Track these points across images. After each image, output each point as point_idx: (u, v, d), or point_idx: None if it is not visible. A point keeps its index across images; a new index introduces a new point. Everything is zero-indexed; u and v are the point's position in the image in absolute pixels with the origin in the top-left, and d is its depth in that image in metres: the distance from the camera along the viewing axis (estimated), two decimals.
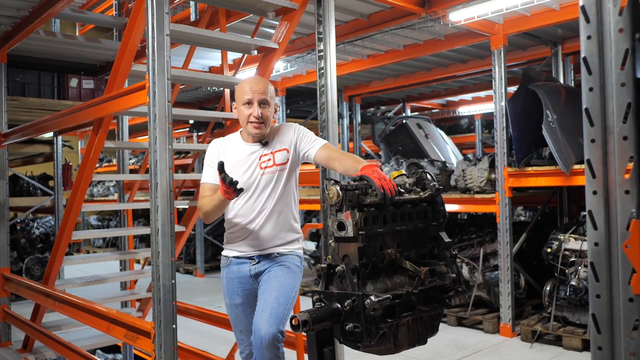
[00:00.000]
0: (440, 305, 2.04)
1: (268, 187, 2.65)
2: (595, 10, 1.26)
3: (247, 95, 2.62)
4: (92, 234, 7.34)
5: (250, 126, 2.63)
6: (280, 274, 2.64)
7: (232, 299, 2.74)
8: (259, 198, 2.65)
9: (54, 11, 4.37)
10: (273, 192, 2.66)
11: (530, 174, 5.34)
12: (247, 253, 2.70)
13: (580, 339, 4.92)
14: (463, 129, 12.38)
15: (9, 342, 5.19)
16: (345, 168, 2.51)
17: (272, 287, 2.58)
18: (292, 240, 2.75)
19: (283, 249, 2.71)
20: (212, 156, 2.71)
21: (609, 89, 1.25)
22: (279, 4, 3.75)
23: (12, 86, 5.54)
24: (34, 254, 8.53)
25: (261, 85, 2.65)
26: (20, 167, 8.89)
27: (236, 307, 2.74)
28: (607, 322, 1.25)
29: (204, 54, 6.51)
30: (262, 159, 2.67)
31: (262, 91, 2.63)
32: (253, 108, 2.60)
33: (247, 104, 2.62)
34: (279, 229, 2.69)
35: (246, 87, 2.64)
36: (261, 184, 2.65)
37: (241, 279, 2.71)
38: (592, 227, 1.27)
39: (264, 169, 2.66)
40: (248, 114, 2.61)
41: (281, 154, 2.68)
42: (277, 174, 2.66)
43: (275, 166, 2.66)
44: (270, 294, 2.55)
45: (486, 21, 5.35)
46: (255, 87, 2.63)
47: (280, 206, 2.68)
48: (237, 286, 2.72)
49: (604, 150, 1.26)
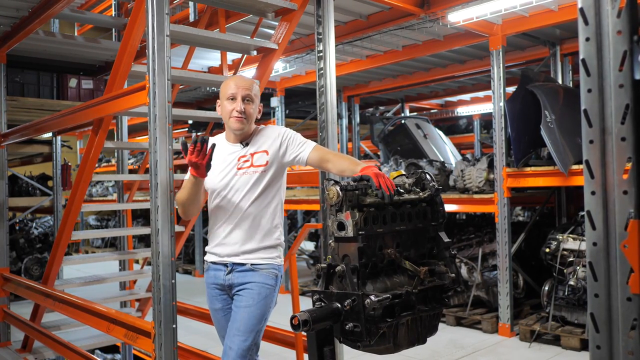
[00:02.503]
0: (439, 305, 2.05)
1: (243, 189, 2.57)
2: (594, 12, 1.27)
3: (231, 90, 2.59)
4: (91, 234, 7.33)
5: (232, 120, 2.58)
6: (251, 304, 2.55)
7: (212, 304, 2.72)
8: (233, 198, 2.58)
9: (54, 11, 4.37)
10: (248, 194, 2.57)
11: (528, 174, 5.36)
12: (222, 259, 2.64)
13: (578, 338, 4.94)
14: (461, 129, 12.39)
15: (8, 342, 5.19)
16: (341, 169, 2.48)
17: (241, 320, 2.54)
18: (268, 247, 2.61)
19: (258, 258, 2.59)
20: None
21: (608, 91, 1.26)
22: (278, 5, 3.76)
23: (12, 86, 5.54)
24: (33, 254, 8.52)
25: (246, 82, 2.63)
26: (19, 167, 8.89)
27: (217, 312, 2.72)
28: (605, 322, 1.26)
29: (203, 54, 6.52)
30: (240, 160, 2.61)
31: (247, 87, 2.60)
32: (236, 103, 2.58)
33: (230, 99, 2.59)
34: (252, 233, 2.58)
35: (231, 83, 2.62)
36: (237, 184, 2.58)
37: (217, 285, 2.67)
38: (591, 227, 1.28)
39: (240, 169, 2.59)
40: (231, 108, 2.58)
41: (260, 155, 2.59)
42: (256, 175, 2.57)
43: (253, 167, 2.58)
44: (238, 328, 2.53)
45: (485, 22, 5.36)
46: (240, 83, 2.61)
47: (255, 209, 2.57)
48: (215, 292, 2.69)
49: (603, 151, 1.27)
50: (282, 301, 7.40)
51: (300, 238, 4.31)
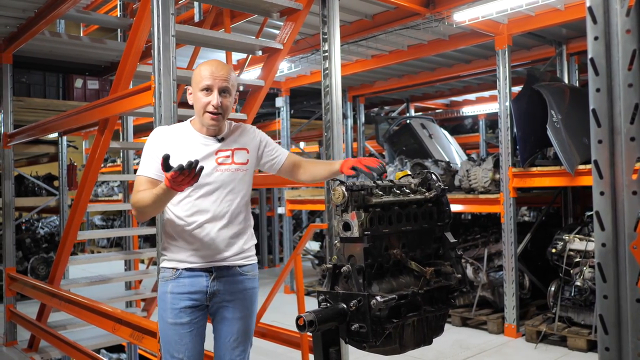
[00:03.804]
0: (445, 305, 2.04)
1: (227, 187, 2.37)
2: (603, 11, 1.26)
3: (206, 81, 2.30)
4: (97, 234, 7.36)
5: (207, 116, 2.32)
6: (246, 314, 2.46)
7: (177, 317, 2.35)
8: (214, 196, 2.36)
9: (60, 12, 4.39)
10: (232, 193, 2.39)
11: (534, 174, 5.33)
12: (203, 264, 2.37)
13: (585, 339, 4.91)
14: (467, 129, 12.35)
15: (14, 342, 5.21)
16: (313, 174, 2.48)
17: (239, 332, 2.44)
18: (251, 247, 2.50)
19: (244, 258, 2.46)
20: (156, 146, 2.34)
21: (616, 90, 1.25)
22: (283, 5, 3.76)
23: (18, 87, 5.56)
24: (39, 253, 8.56)
25: (223, 71, 2.34)
26: (25, 167, 8.92)
27: (181, 327, 2.36)
28: (614, 323, 1.25)
29: (208, 54, 6.50)
30: (219, 154, 2.38)
31: (224, 77, 2.33)
32: (212, 96, 2.31)
33: (205, 90, 2.31)
34: (238, 234, 2.42)
35: (205, 71, 2.32)
36: (218, 181, 2.36)
37: (193, 294, 2.37)
38: (600, 228, 1.27)
39: (220, 164, 2.37)
40: (206, 102, 2.31)
41: (241, 153, 2.43)
42: (239, 173, 2.41)
43: (235, 165, 2.40)
44: (237, 340, 2.43)
45: (490, 21, 5.34)
46: (217, 73, 2.31)
47: (239, 208, 2.42)
48: (185, 303, 2.36)
49: (611, 151, 1.26)
50: (287, 301, 7.42)
51: (306, 238, 4.31)
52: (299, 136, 10.30)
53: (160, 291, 2.43)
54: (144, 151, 2.37)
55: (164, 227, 2.43)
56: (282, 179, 2.69)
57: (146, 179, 2.30)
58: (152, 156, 2.32)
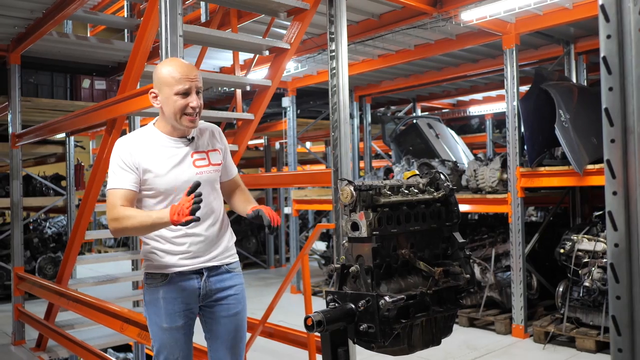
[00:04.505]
0: (454, 305, 2.03)
1: (207, 188, 2.35)
2: (615, 9, 1.25)
3: (182, 85, 2.24)
4: (104, 234, 7.37)
5: (186, 119, 2.27)
6: (240, 309, 2.48)
7: (172, 322, 2.35)
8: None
9: (67, 13, 4.40)
10: (213, 193, 2.42)
11: (542, 174, 5.31)
12: (193, 266, 2.37)
13: (593, 340, 4.88)
14: (474, 129, 12.32)
15: (22, 341, 5.24)
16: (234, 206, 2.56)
17: (236, 329, 2.47)
18: (233, 243, 2.54)
19: (229, 257, 2.49)
20: (126, 156, 2.28)
21: (629, 89, 1.24)
22: (290, 5, 3.75)
23: (26, 87, 5.59)
24: (47, 253, 8.60)
25: (194, 70, 2.30)
26: (33, 168, 8.98)
27: (176, 331, 2.37)
28: (627, 324, 1.24)
29: (215, 54, 6.53)
30: (195, 157, 2.37)
31: (198, 78, 2.30)
32: (191, 97, 2.25)
33: (182, 93, 2.24)
34: (221, 234, 2.46)
35: (178, 73, 2.25)
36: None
37: (185, 298, 2.37)
38: (612, 228, 1.26)
39: (199, 167, 2.37)
40: (184, 104, 2.24)
41: (215, 154, 2.44)
42: (215, 174, 2.43)
43: (212, 166, 2.41)
44: (236, 338, 2.47)
45: (498, 20, 5.32)
46: (192, 74, 2.27)
47: (220, 208, 2.46)
48: (179, 306, 2.36)
49: (624, 150, 1.24)
50: (294, 301, 7.42)
51: (313, 238, 4.29)
52: (305, 136, 10.31)
53: (151, 297, 2.40)
54: (112, 164, 2.30)
55: (146, 235, 2.37)
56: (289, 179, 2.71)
57: (123, 191, 2.24)
58: (124, 167, 2.27)
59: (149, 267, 2.41)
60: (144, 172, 2.29)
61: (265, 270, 10.05)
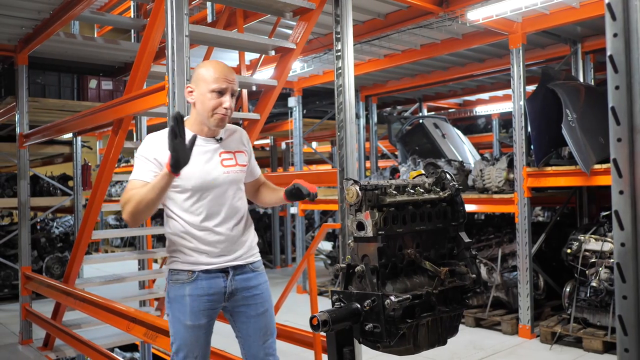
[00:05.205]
0: (460, 305, 2.02)
1: (234, 187, 2.42)
2: (622, 7, 1.24)
3: (219, 84, 2.31)
4: (110, 234, 7.42)
5: (216, 118, 2.33)
6: (267, 307, 2.53)
7: (196, 320, 2.38)
8: (223, 199, 2.40)
9: (74, 13, 4.42)
10: (239, 193, 2.46)
11: (549, 173, 5.29)
12: (219, 265, 2.41)
13: (600, 340, 4.86)
14: (480, 129, 12.28)
15: (30, 340, 5.26)
16: (264, 200, 2.63)
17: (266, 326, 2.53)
18: (255, 243, 2.58)
19: (252, 256, 2.52)
20: (152, 150, 2.32)
21: (636, 87, 1.23)
22: (296, 4, 3.76)
23: (33, 88, 5.61)
24: (54, 253, 8.64)
25: (233, 74, 2.38)
26: (40, 168, 9.03)
27: (199, 329, 2.39)
28: (634, 324, 1.23)
29: (221, 54, 6.53)
30: (223, 156, 2.42)
31: (235, 81, 2.37)
32: (225, 98, 2.32)
33: (217, 92, 2.31)
34: (247, 233, 2.50)
35: (217, 73, 2.32)
36: (226, 182, 2.39)
37: (211, 296, 2.40)
38: (619, 228, 1.25)
39: (226, 167, 2.41)
40: (216, 104, 2.31)
41: (241, 156, 2.49)
42: (240, 174, 2.47)
43: (239, 166, 2.46)
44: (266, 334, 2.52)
45: (505, 20, 5.30)
46: (230, 76, 2.34)
47: (244, 208, 2.50)
48: (204, 305, 2.39)
49: (631, 149, 1.23)
50: (300, 301, 7.42)
51: (319, 238, 4.30)
52: (311, 136, 10.31)
53: (176, 294, 2.39)
54: (137, 157, 2.34)
55: (172, 232, 2.40)
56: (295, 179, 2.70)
57: (142, 182, 2.27)
58: (147, 160, 2.30)
59: (175, 263, 2.41)
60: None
61: (272, 270, 10.06)
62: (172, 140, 2.03)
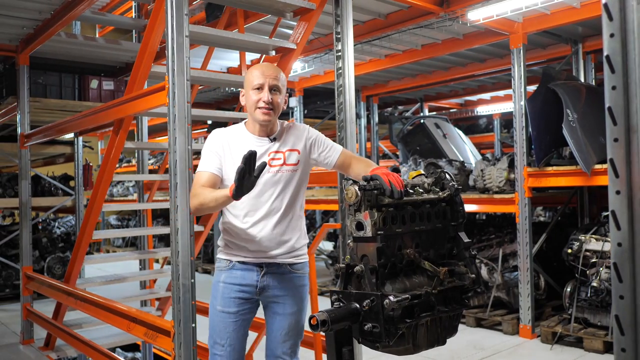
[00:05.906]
0: (459, 305, 2.03)
1: (278, 187, 2.49)
2: (619, 7, 1.25)
3: (257, 80, 2.44)
4: (112, 234, 7.41)
5: (258, 112, 2.44)
6: (296, 310, 2.58)
7: (225, 306, 2.53)
8: (267, 196, 2.48)
9: (75, 13, 4.43)
10: (283, 193, 2.50)
11: (550, 173, 5.28)
12: (255, 259, 2.52)
13: (601, 340, 4.86)
14: (481, 129, 12.28)
15: (31, 340, 5.27)
16: (357, 173, 2.50)
17: (290, 326, 2.58)
18: (302, 246, 2.62)
19: (293, 258, 2.57)
20: (215, 145, 2.51)
21: (633, 88, 1.24)
22: (297, 5, 3.76)
23: (34, 88, 5.61)
24: (55, 253, 8.65)
25: (273, 70, 2.49)
26: (41, 168, 9.03)
27: (227, 316, 2.53)
28: (631, 324, 1.23)
29: (222, 54, 6.55)
30: (272, 156, 2.50)
31: (274, 76, 2.47)
32: (263, 93, 2.44)
33: (257, 88, 2.45)
34: (289, 235, 2.54)
35: (257, 71, 2.47)
36: (269, 182, 2.48)
37: (243, 286, 2.53)
38: (616, 228, 1.26)
39: (273, 166, 2.49)
40: (257, 99, 2.44)
41: (293, 154, 2.53)
42: (288, 174, 2.51)
43: (286, 166, 2.51)
44: (288, 334, 2.58)
45: (505, 20, 5.30)
46: (267, 72, 2.46)
47: (290, 209, 2.54)
48: (235, 293, 2.52)
49: (628, 149, 1.24)
50: None
51: (319, 238, 4.30)
52: None
53: (215, 280, 2.60)
54: (204, 150, 2.52)
55: (222, 223, 2.59)
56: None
57: (208, 174, 2.45)
58: (212, 153, 2.48)
59: (220, 252, 2.62)
60: (224, 163, 2.48)
61: None
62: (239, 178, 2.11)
